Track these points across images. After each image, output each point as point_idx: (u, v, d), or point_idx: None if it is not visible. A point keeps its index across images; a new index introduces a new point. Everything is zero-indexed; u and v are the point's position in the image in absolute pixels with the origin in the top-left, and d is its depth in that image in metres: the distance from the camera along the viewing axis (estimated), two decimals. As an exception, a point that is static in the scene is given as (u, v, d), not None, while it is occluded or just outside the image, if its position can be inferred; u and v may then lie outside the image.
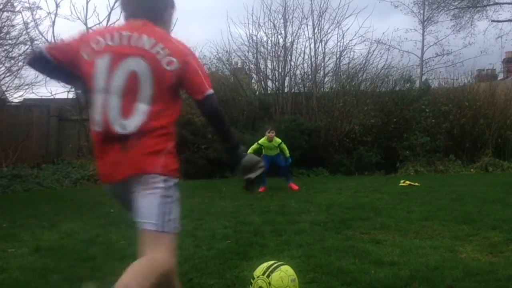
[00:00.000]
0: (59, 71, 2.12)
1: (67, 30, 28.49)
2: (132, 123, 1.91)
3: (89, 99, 2.04)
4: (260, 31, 13.28)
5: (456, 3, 17.58)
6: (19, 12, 11.18)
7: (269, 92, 13.07)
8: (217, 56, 13.33)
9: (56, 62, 2.05)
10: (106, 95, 1.94)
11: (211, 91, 2.01)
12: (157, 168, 1.92)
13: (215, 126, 2.10)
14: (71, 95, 12.88)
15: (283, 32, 13.00)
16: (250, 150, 8.05)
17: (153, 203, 1.92)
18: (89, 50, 1.98)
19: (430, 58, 19.34)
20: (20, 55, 11.36)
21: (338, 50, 13.06)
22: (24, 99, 12.43)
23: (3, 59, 11.03)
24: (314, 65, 12.90)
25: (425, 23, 19.01)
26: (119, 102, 1.93)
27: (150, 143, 1.92)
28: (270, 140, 8.14)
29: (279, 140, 8.25)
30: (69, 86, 2.01)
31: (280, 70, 12.93)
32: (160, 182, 1.93)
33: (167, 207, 1.97)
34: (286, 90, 12.83)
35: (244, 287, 3.23)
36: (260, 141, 8.22)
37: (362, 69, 12.95)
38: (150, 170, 1.91)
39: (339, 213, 5.71)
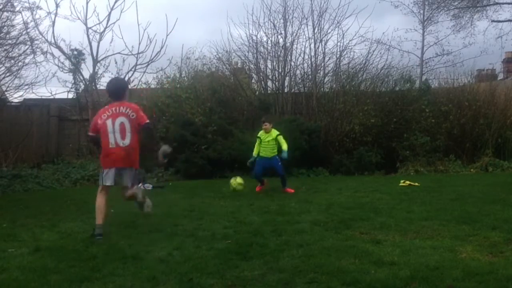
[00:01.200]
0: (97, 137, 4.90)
1: (67, 30, 28.62)
2: (126, 141, 4.72)
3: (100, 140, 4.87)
4: (260, 31, 13.20)
5: (456, 3, 17.55)
6: (19, 12, 11.16)
7: (269, 92, 13.03)
8: (217, 56, 13.32)
9: (95, 133, 4.89)
10: (114, 133, 4.70)
11: (148, 121, 4.86)
12: (136, 166, 4.86)
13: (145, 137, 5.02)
14: (71, 95, 12.90)
15: (283, 32, 12.96)
16: (255, 151, 7.96)
17: (132, 177, 4.81)
18: (101, 118, 4.77)
19: (430, 58, 19.32)
20: (20, 55, 11.35)
21: (338, 50, 13.01)
22: (24, 99, 12.41)
23: (3, 59, 11.00)
24: (314, 65, 12.87)
25: (425, 23, 19.00)
26: (121, 132, 4.71)
27: (135, 156, 4.81)
28: (266, 131, 7.89)
29: (276, 132, 7.94)
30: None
31: (280, 70, 12.89)
32: (133, 170, 4.83)
33: (135, 178, 4.90)
34: (286, 90, 12.79)
35: (244, 287, 3.23)
36: (258, 134, 8.01)
37: (362, 69, 12.89)
38: (134, 167, 4.84)
39: (339, 213, 5.72)
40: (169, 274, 3.48)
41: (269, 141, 7.89)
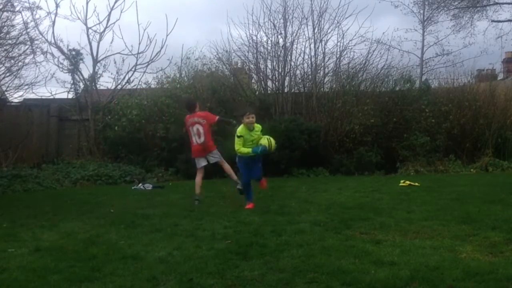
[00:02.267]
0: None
1: (67, 30, 28.59)
2: (201, 140, 7.02)
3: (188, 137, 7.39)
4: (260, 31, 13.19)
5: (456, 3, 17.55)
6: (19, 12, 11.17)
7: (269, 92, 13.03)
8: (217, 56, 13.31)
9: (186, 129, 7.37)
10: (194, 136, 7.07)
11: (217, 117, 7.45)
12: (213, 149, 7.18)
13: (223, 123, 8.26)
14: (71, 95, 12.89)
15: (283, 32, 12.95)
16: (237, 146, 6.47)
17: (216, 156, 7.18)
18: (187, 126, 7.23)
19: (430, 58, 19.29)
20: (20, 55, 11.34)
21: (338, 50, 12.99)
22: (24, 99, 12.40)
23: (3, 59, 10.99)
24: (314, 65, 12.87)
25: (425, 23, 18.99)
26: (197, 135, 7.05)
27: (210, 145, 7.14)
28: (250, 128, 6.38)
29: (260, 126, 6.55)
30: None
31: (280, 70, 12.89)
32: (214, 151, 7.19)
33: (218, 155, 7.21)
34: (286, 90, 12.79)
35: (244, 287, 3.23)
36: (238, 132, 6.40)
37: (362, 69, 12.89)
38: (212, 150, 7.16)
39: (339, 213, 5.72)
40: (169, 274, 3.48)
41: (253, 141, 6.42)
